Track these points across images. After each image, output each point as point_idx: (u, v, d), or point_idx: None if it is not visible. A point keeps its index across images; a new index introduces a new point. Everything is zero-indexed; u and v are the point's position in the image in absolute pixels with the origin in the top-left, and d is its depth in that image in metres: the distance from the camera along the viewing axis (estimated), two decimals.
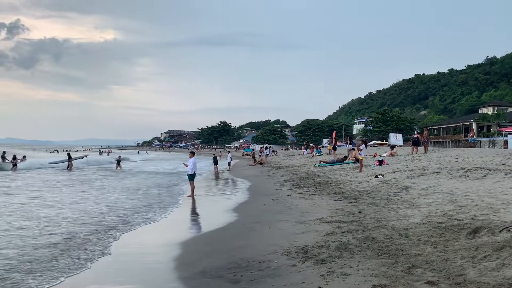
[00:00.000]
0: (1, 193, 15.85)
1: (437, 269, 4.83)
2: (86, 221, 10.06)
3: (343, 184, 14.15)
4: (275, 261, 5.80)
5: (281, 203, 11.70)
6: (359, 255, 5.62)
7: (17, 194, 15.62)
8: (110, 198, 15.05)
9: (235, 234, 8.28)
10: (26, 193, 16.02)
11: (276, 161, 36.37)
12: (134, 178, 25.09)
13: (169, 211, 12.07)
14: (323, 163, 24.16)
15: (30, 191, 16.59)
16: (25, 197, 14.72)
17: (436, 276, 4.58)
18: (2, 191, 16.51)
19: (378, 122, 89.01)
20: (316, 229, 7.53)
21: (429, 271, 4.79)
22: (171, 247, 7.59)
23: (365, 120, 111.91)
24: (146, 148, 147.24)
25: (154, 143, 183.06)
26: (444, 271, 4.72)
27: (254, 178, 22.80)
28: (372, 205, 9.63)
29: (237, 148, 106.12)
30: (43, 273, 5.95)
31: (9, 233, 8.52)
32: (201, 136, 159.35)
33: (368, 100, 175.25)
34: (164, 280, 5.68)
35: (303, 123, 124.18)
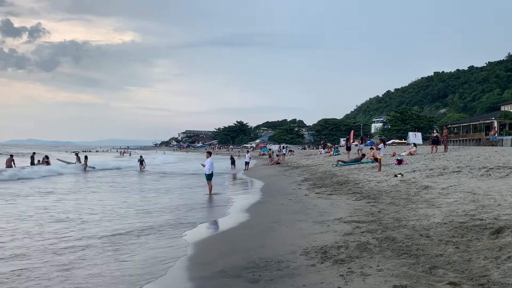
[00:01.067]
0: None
1: (459, 269, 4.74)
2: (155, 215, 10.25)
3: (361, 184, 14.03)
4: (293, 261, 5.78)
5: (299, 203, 11.66)
6: (378, 255, 5.56)
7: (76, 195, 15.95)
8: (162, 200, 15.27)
9: (253, 233, 8.28)
10: (91, 193, 16.64)
11: (293, 160, 36.27)
12: (168, 180, 25.16)
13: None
14: (341, 162, 24.01)
15: (88, 193, 16.86)
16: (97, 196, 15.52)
17: (459, 277, 4.51)
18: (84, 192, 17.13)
19: (396, 121, 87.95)
20: (335, 229, 7.49)
21: (451, 271, 4.71)
22: (187, 246, 7.63)
23: (383, 119, 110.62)
24: (164, 148, 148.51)
25: (172, 143, 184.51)
26: (467, 272, 4.64)
27: (271, 178, 22.80)
28: (392, 204, 9.53)
29: (253, 148, 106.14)
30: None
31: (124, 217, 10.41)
32: (218, 136, 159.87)
33: (386, 99, 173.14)
34: (184, 279, 5.72)
35: (320, 123, 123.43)
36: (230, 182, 22.45)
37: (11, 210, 11.88)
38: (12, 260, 6.67)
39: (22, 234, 8.57)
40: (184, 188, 18.89)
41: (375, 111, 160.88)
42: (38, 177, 23.38)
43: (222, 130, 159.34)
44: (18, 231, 8.84)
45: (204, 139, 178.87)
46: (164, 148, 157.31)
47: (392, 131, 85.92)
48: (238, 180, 23.97)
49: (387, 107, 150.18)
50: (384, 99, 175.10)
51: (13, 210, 11.86)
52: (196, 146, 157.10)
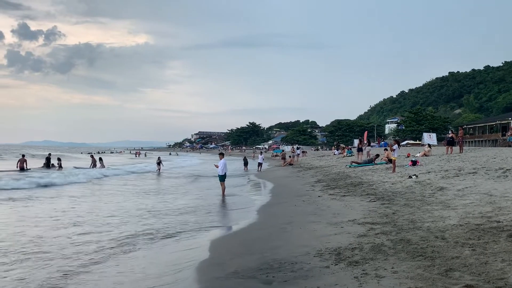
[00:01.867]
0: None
1: (476, 272, 4.68)
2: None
3: (375, 185, 13.93)
4: (307, 262, 5.77)
5: (312, 204, 11.62)
6: (393, 257, 5.52)
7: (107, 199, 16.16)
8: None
9: (266, 234, 8.28)
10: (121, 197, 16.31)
11: (306, 162, 36.16)
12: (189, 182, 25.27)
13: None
14: (354, 163, 23.87)
15: (117, 196, 16.62)
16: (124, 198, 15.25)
17: (475, 280, 4.44)
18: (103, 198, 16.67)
19: (411, 121, 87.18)
20: (349, 231, 7.45)
21: (468, 274, 4.65)
22: (203, 248, 7.66)
23: (397, 120, 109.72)
24: (177, 150, 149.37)
25: (185, 145, 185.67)
26: (484, 275, 4.57)
27: (284, 179, 22.77)
28: (406, 206, 9.44)
29: (266, 149, 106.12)
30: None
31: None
32: (231, 137, 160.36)
33: (400, 99, 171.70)
34: (197, 280, 5.75)
35: (333, 123, 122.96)
36: (243, 184, 22.47)
37: (30, 213, 12.09)
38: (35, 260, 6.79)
39: (39, 238, 8.71)
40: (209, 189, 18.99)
41: (389, 111, 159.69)
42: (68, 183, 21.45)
43: (234, 131, 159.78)
44: (37, 234, 8.99)
45: (217, 140, 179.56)
46: (177, 149, 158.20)
47: (407, 132, 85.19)
48: (251, 181, 23.98)
49: (401, 108, 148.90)
50: (398, 99, 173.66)
51: (31, 212, 12.07)
52: (209, 147, 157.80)
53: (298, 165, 33.84)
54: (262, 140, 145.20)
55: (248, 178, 26.52)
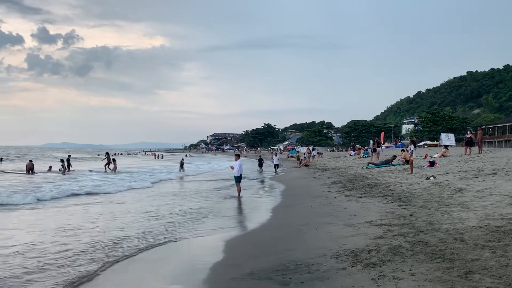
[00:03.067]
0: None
1: (497, 275, 4.59)
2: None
3: (392, 186, 13.79)
4: (324, 264, 5.74)
5: (328, 205, 11.57)
6: (411, 259, 5.46)
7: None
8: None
9: (282, 236, 8.27)
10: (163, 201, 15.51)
11: (322, 163, 36.00)
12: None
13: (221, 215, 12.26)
14: (371, 164, 23.68)
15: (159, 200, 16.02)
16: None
17: (496, 283, 4.37)
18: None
19: (428, 122, 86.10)
20: (366, 232, 7.39)
21: (488, 277, 4.57)
22: (218, 248, 7.69)
23: (414, 120, 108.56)
24: (192, 151, 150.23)
25: (200, 146, 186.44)
26: (504, 278, 4.49)
27: (300, 180, 22.70)
28: (424, 207, 9.32)
29: (282, 150, 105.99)
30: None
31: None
32: (246, 138, 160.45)
33: (417, 100, 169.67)
34: (213, 280, 5.77)
35: (349, 124, 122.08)
36: (258, 185, 22.47)
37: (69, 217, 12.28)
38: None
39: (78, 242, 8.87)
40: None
41: (406, 112, 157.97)
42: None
43: (250, 132, 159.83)
44: (87, 234, 9.17)
45: (232, 142, 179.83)
46: (193, 150, 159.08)
47: (424, 133, 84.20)
48: (266, 183, 23.97)
49: (418, 108, 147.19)
50: (415, 99, 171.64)
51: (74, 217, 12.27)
52: (224, 148, 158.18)
53: (313, 166, 33.71)
54: (277, 141, 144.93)
55: (263, 179, 26.51)
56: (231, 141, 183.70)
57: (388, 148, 59.21)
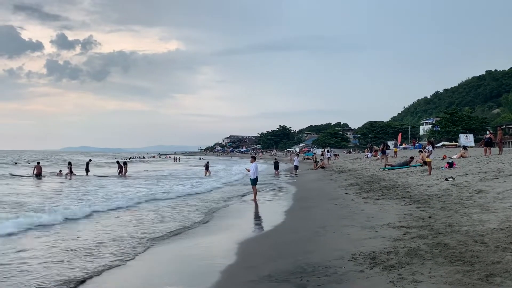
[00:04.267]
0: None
1: None
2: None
3: (410, 188, 13.64)
4: (341, 266, 5.72)
5: (346, 207, 11.50)
6: (430, 262, 5.39)
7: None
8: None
9: (299, 238, 8.26)
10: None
11: (339, 165, 35.80)
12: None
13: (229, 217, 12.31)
14: (388, 166, 23.44)
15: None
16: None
17: None
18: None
19: (446, 122, 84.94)
20: (384, 235, 7.33)
21: (510, 280, 4.49)
22: (236, 250, 7.73)
23: (432, 121, 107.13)
24: (208, 154, 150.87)
25: (216, 149, 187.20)
26: None
27: (317, 182, 22.62)
28: (443, 209, 9.20)
29: (298, 152, 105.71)
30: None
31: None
32: (261, 140, 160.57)
33: (435, 100, 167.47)
34: (231, 283, 5.80)
35: (366, 126, 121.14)
36: (274, 188, 22.45)
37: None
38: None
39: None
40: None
41: (424, 112, 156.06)
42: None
43: (265, 134, 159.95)
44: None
45: (247, 144, 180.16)
46: (208, 153, 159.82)
47: (442, 133, 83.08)
48: (282, 185, 23.93)
49: (436, 108, 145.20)
50: (433, 100, 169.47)
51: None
52: (240, 151, 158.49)
53: (330, 168, 33.54)
54: (293, 143, 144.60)
55: (280, 181, 26.48)
56: (247, 143, 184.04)
57: (406, 149, 58.64)
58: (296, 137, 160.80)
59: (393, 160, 28.29)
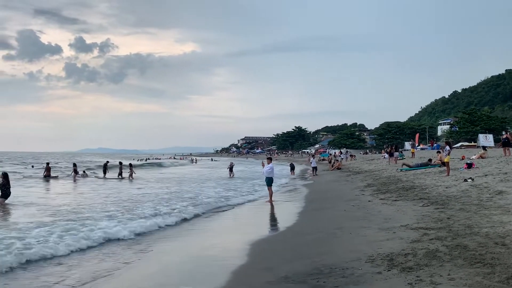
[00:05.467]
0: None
1: None
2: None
3: (428, 189, 13.48)
4: (359, 268, 5.69)
5: (362, 209, 11.42)
6: (449, 264, 5.33)
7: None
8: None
9: (316, 240, 8.24)
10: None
11: (355, 166, 35.54)
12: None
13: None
14: (405, 167, 23.20)
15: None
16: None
17: None
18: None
19: (465, 122, 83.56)
20: (401, 236, 7.26)
21: None
22: (253, 251, 7.74)
23: (450, 121, 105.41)
24: (223, 155, 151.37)
25: (231, 150, 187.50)
26: None
27: (333, 183, 22.51)
28: (462, 211, 9.07)
29: (313, 153, 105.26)
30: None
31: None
32: (277, 142, 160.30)
33: (453, 100, 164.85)
34: (248, 284, 5.82)
35: (383, 126, 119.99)
36: (291, 189, 22.42)
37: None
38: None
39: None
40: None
41: (441, 112, 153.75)
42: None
43: (280, 135, 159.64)
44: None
45: (263, 145, 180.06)
46: (223, 154, 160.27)
47: (461, 133, 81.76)
48: (299, 186, 23.87)
49: (454, 108, 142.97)
50: (451, 100, 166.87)
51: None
52: (255, 152, 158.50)
53: (346, 169, 33.33)
54: (309, 144, 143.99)
55: (296, 182, 26.42)
56: (262, 144, 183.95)
57: (424, 150, 57.91)
58: (311, 138, 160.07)
59: (411, 161, 27.98)
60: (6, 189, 14.68)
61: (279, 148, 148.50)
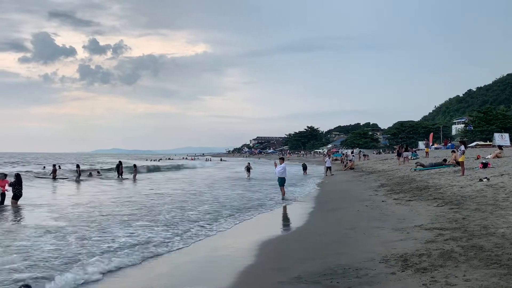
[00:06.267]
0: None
1: None
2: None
3: (443, 189, 13.33)
4: (372, 268, 5.65)
5: (376, 209, 11.34)
6: (465, 264, 5.27)
7: None
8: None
9: (329, 240, 8.21)
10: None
11: (368, 165, 35.30)
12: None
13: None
14: (419, 167, 22.97)
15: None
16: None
17: None
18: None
19: (480, 121, 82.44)
20: (415, 237, 7.20)
21: None
22: (265, 251, 7.75)
23: (465, 120, 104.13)
24: (235, 155, 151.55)
25: (244, 150, 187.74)
26: None
27: (346, 183, 22.39)
28: (477, 211, 8.95)
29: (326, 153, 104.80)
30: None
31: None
32: (289, 142, 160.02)
33: (467, 98, 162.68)
34: (261, 284, 5.83)
35: (396, 126, 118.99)
36: (303, 189, 22.36)
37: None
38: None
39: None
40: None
41: (456, 111, 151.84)
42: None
43: (292, 135, 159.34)
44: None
45: (275, 145, 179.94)
46: (235, 155, 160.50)
47: (476, 133, 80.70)
48: (311, 186, 23.79)
49: (469, 107, 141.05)
50: (465, 98, 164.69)
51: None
52: (267, 152, 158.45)
53: (359, 169, 33.13)
54: (321, 144, 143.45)
55: (309, 183, 26.34)
56: (274, 144, 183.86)
57: (438, 150, 57.26)
58: (324, 138, 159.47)
59: (425, 160, 27.71)
60: (18, 190, 14.85)
61: (291, 148, 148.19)
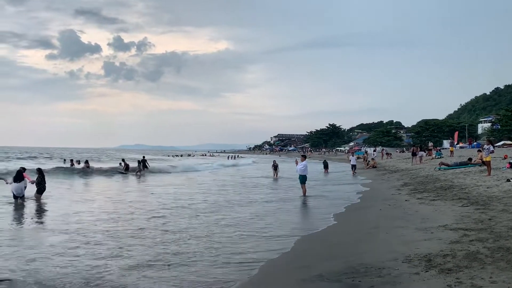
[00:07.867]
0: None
1: None
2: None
3: (468, 189, 13.07)
4: (395, 268, 5.60)
5: (399, 208, 11.21)
6: (491, 266, 5.16)
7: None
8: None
9: (351, 239, 8.16)
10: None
11: (391, 164, 34.87)
12: None
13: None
14: (444, 166, 22.56)
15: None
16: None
17: None
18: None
19: (507, 120, 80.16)
20: (440, 237, 7.09)
21: None
22: (288, 249, 7.75)
23: (492, 119, 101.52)
24: (256, 152, 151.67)
25: (264, 147, 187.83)
26: None
27: (368, 182, 22.18)
28: (505, 212, 8.75)
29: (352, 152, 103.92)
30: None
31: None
32: (310, 139, 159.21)
33: (495, 96, 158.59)
34: (284, 281, 5.84)
35: (420, 124, 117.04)
36: (324, 188, 22.24)
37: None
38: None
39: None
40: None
41: (482, 110, 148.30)
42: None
43: (314, 133, 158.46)
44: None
45: (296, 143, 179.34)
46: (256, 152, 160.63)
47: (503, 132, 78.57)
48: (333, 185, 23.64)
49: (496, 106, 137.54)
50: (493, 96, 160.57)
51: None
52: (288, 149, 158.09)
53: (382, 167, 32.76)
54: (343, 142, 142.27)
55: (330, 181, 26.18)
56: (295, 142, 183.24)
57: (463, 149, 56.09)
58: (346, 136, 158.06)
59: (449, 160, 27.19)
60: (42, 185, 15.26)
61: (313, 146, 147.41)
